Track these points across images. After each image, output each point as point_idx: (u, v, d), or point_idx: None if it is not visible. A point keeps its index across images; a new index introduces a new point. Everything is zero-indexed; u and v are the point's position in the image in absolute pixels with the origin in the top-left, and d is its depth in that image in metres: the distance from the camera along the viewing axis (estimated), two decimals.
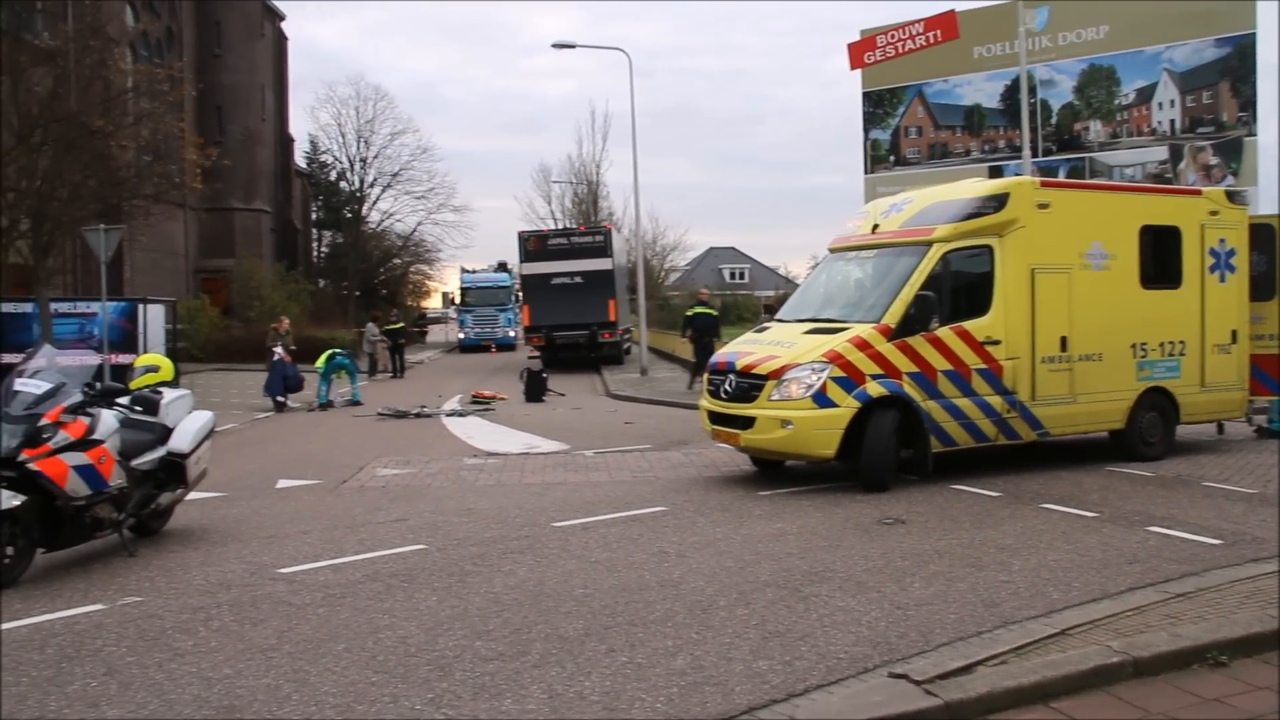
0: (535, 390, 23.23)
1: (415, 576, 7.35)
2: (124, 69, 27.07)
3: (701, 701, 4.94)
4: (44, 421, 7.53)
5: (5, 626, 6.43)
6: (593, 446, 14.56)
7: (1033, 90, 23.58)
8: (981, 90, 26.30)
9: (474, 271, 51.61)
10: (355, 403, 22.52)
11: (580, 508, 9.83)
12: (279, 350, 22.07)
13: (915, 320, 10.60)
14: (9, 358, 21.15)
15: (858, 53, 22.08)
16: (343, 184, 61.05)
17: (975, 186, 11.79)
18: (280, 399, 21.74)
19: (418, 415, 19.67)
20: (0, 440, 7.40)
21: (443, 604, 6.65)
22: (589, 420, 18.75)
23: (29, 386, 7.74)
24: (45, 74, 24.15)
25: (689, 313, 20.35)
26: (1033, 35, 23.80)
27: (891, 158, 28.17)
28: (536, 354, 33.45)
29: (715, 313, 20.98)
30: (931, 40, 20.18)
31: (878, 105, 28.27)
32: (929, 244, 10.99)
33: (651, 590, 6.86)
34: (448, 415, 19.77)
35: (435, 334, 63.02)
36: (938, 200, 11.62)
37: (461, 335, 50.27)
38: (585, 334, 32.70)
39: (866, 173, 28.48)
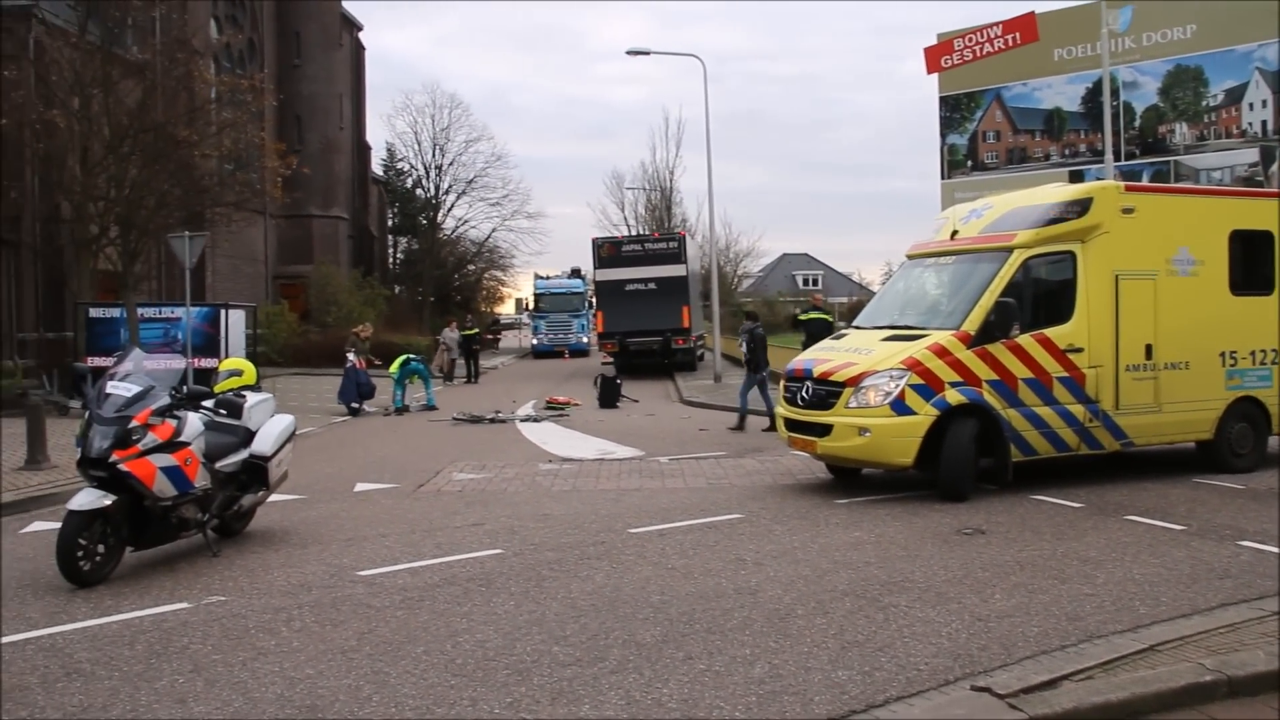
0: (609, 396, 23.30)
1: (493, 581, 7.41)
2: (208, 80, 27.66)
3: (780, 710, 4.92)
4: (134, 424, 7.72)
5: (98, 622, 6.62)
6: (667, 453, 14.56)
7: (1115, 92, 23.07)
8: (1062, 93, 25.82)
9: (548, 278, 51.91)
10: (430, 408, 22.78)
11: (656, 514, 9.84)
12: (351, 357, 22.38)
13: (995, 327, 10.45)
14: (97, 361, 21.79)
15: (934, 57, 21.82)
16: (418, 191, 61.76)
17: (1057, 191, 11.59)
18: (354, 405, 22.03)
19: (492, 420, 19.82)
20: (93, 441, 7.62)
21: (520, 609, 6.69)
22: (663, 426, 18.76)
23: (120, 389, 7.95)
24: (134, 86, 24.82)
25: (803, 317, 19.87)
26: (1116, 36, 23.31)
27: (969, 162, 27.79)
28: (610, 360, 33.53)
29: (830, 318, 20.63)
30: (1010, 43, 19.87)
31: (955, 109, 27.91)
32: (1010, 250, 10.83)
33: (729, 598, 6.84)
34: (522, 421, 19.91)
35: (508, 340, 63.54)
36: (1018, 206, 11.46)
37: (535, 341, 50.64)
38: (659, 340, 32.70)
39: (943, 178, 28.14)
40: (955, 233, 11.82)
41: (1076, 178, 23.34)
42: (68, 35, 24.90)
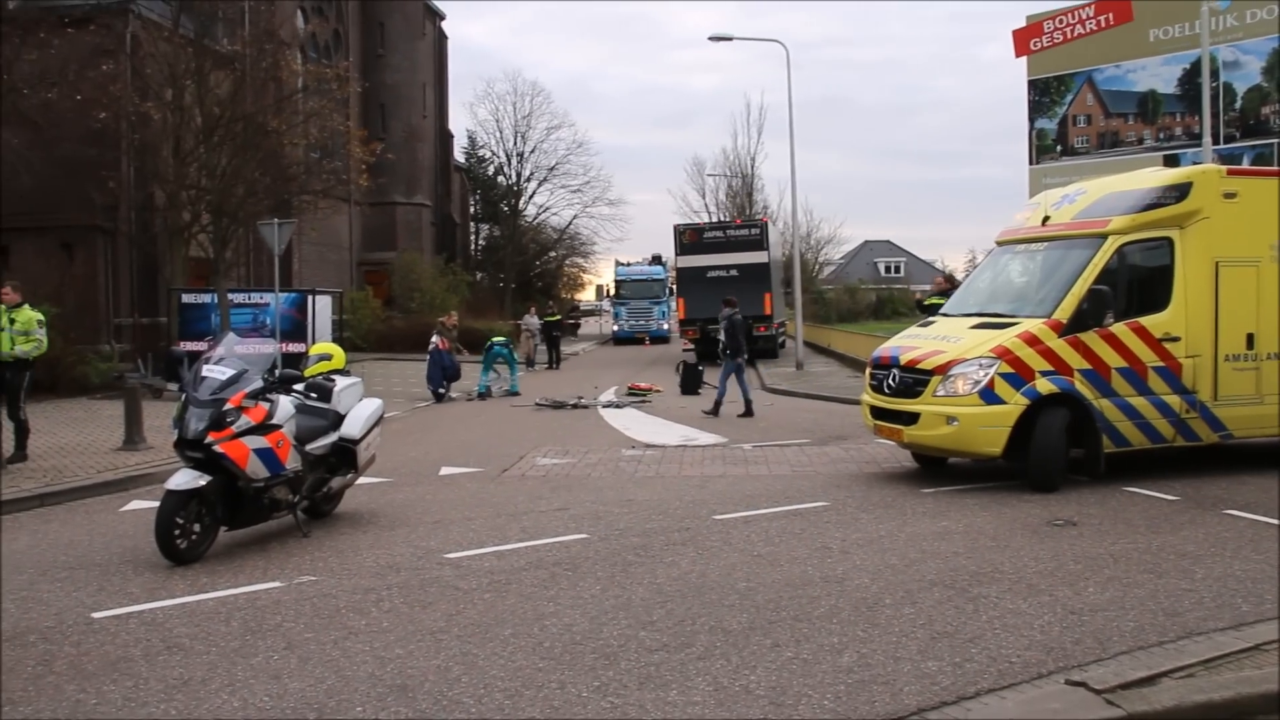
0: (691, 383, 23.26)
1: (579, 565, 7.44)
2: (295, 70, 28.18)
3: (869, 700, 4.87)
4: (228, 406, 7.89)
5: (195, 598, 6.80)
6: (750, 440, 14.51)
7: (1215, 73, 22.29)
8: (1157, 75, 25.07)
9: (629, 264, 52.05)
10: (513, 393, 22.96)
11: (741, 501, 9.81)
12: (435, 339, 22.58)
13: (1088, 315, 10.21)
14: (189, 345, 22.37)
15: (1023, 39, 21.38)
16: (500, 178, 62.28)
17: (1154, 176, 11.25)
18: (440, 390, 22.25)
19: (575, 406, 19.92)
20: (189, 423, 7.81)
21: (606, 593, 6.72)
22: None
23: (214, 373, 8.13)
24: (224, 77, 25.39)
25: (927, 302, 19.22)
26: (1216, 14, 22.52)
27: (1058, 147, 27.15)
28: (691, 347, 33.48)
29: None
30: (1103, 24, 19.39)
31: (1044, 93, 27.28)
32: (1104, 236, 10.57)
33: (815, 586, 6.80)
34: (604, 406, 19.98)
35: (589, 326, 63.81)
36: (1113, 191, 11.16)
37: (615, 328, 50.83)
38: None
39: (1032, 163, 27.53)
40: (1047, 218, 11.55)
41: (1172, 162, 22.61)
42: (162, 29, 25.54)
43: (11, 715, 4.95)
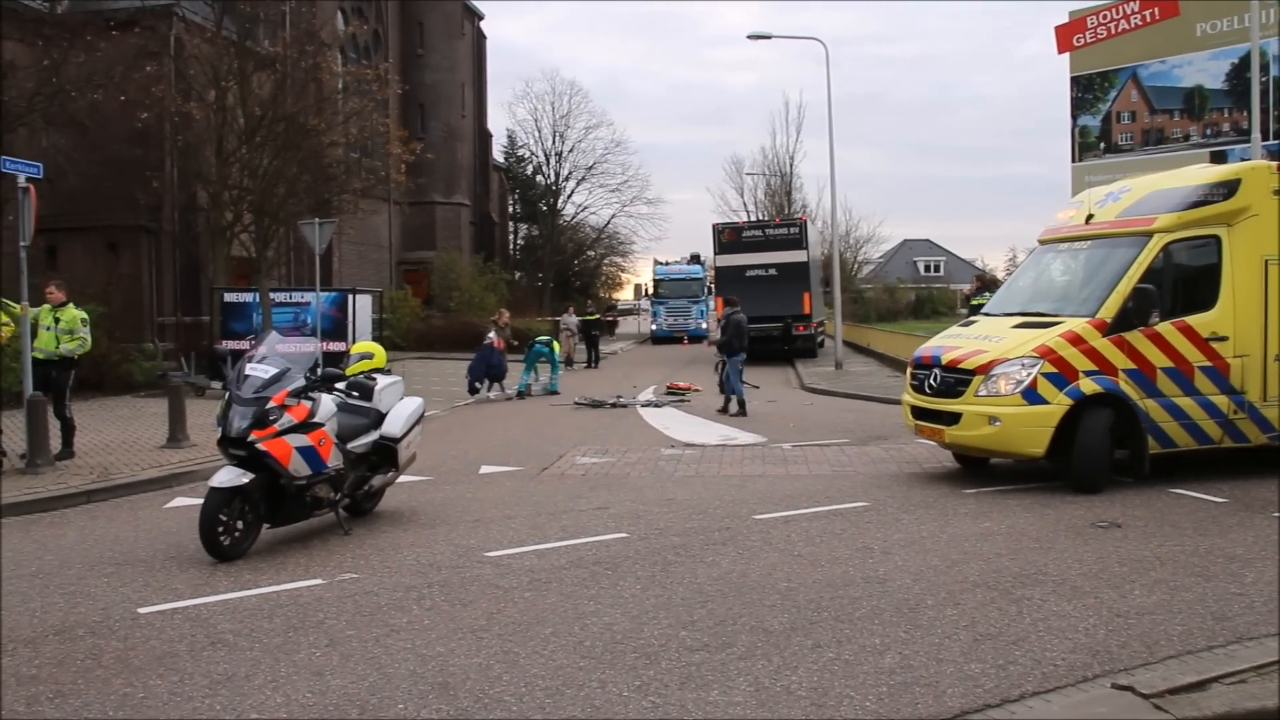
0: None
1: (619, 564, 7.44)
2: (335, 71, 28.39)
3: (912, 702, 4.83)
4: (271, 404, 7.96)
5: (238, 595, 6.85)
6: (789, 439, 14.45)
7: (1265, 68, 21.82)
8: (1204, 70, 24.66)
9: (667, 264, 52.01)
10: (553, 392, 23.00)
11: (781, 501, 9.77)
12: (491, 335, 22.57)
13: (1133, 314, 10.08)
14: (231, 344, 22.59)
15: (1066, 35, 21.14)
16: (539, 177, 62.50)
17: (1202, 173, 11.09)
18: (477, 385, 22.20)
19: (614, 405, 19.94)
20: (233, 421, 7.89)
21: (647, 592, 6.71)
22: (784, 413, 18.62)
23: (258, 371, 8.20)
24: (266, 78, 25.62)
25: (974, 301, 18.81)
26: (1267, 6, 22.13)
27: (1101, 144, 26.79)
28: None
29: None
30: (1148, 19, 19.13)
31: (1087, 90, 26.93)
32: (1149, 234, 10.43)
33: (857, 586, 6.75)
34: (643, 406, 19.98)
35: (627, 325, 63.80)
36: (1159, 188, 11.01)
37: (654, 327, 50.85)
38: (779, 326, 32.47)
39: (1074, 161, 27.18)
40: (1091, 216, 11.42)
41: (1219, 158, 22.25)
42: (205, 31, 25.81)
43: (63, 706, 5.01)
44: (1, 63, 21.95)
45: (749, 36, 30.57)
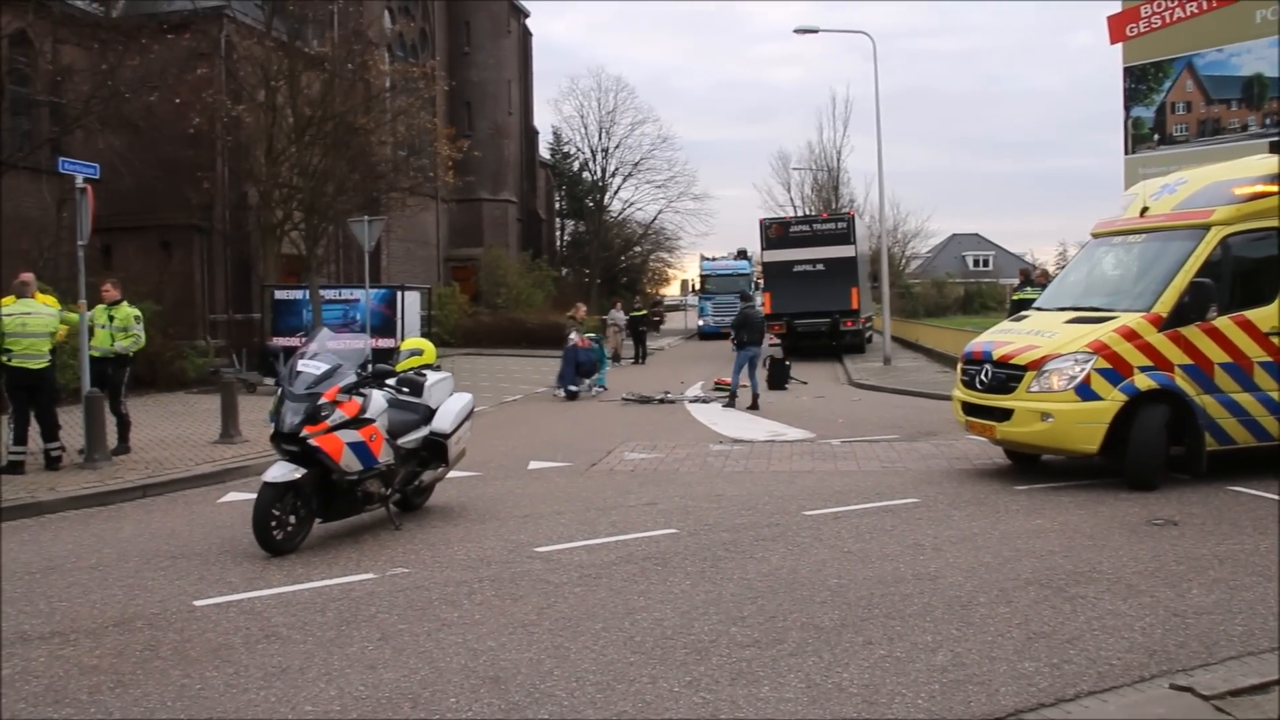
0: (778, 378, 23.14)
1: (668, 560, 7.44)
2: (383, 70, 28.58)
3: (965, 700, 4.78)
4: (323, 400, 8.03)
5: (291, 589, 6.92)
6: (838, 435, 14.37)
7: None
8: (1264, 58, 24.13)
9: (714, 259, 51.94)
10: (600, 388, 23.00)
11: (830, 497, 9.72)
12: (573, 336, 22.24)
13: (1190, 309, 9.91)
14: (281, 341, 22.84)
15: (1119, 25, 20.85)
16: (585, 174, 62.62)
17: (1261, 164, 10.85)
18: (572, 388, 21.53)
19: (661, 401, 19.93)
20: (285, 417, 7.97)
21: (696, 588, 6.70)
22: (833, 409, 18.53)
23: (309, 368, 8.28)
24: (314, 78, 25.88)
25: (1016, 297, 18.17)
26: None
27: (1155, 136, 26.35)
28: (777, 342, 33.31)
29: None
30: (1204, 7, 18.80)
31: (1140, 80, 26.46)
32: (1206, 227, 10.25)
33: (908, 583, 6.70)
34: (691, 402, 19.95)
35: (674, 320, 63.76)
36: (1216, 180, 10.81)
37: (701, 322, 50.78)
38: (827, 322, 32.32)
39: (1127, 153, 26.74)
40: (1145, 209, 11.25)
41: (1278, 149, 21.73)
42: (254, 33, 26.13)
43: (123, 696, 5.09)
44: (60, 67, 22.39)
45: (796, 31, 30.35)
